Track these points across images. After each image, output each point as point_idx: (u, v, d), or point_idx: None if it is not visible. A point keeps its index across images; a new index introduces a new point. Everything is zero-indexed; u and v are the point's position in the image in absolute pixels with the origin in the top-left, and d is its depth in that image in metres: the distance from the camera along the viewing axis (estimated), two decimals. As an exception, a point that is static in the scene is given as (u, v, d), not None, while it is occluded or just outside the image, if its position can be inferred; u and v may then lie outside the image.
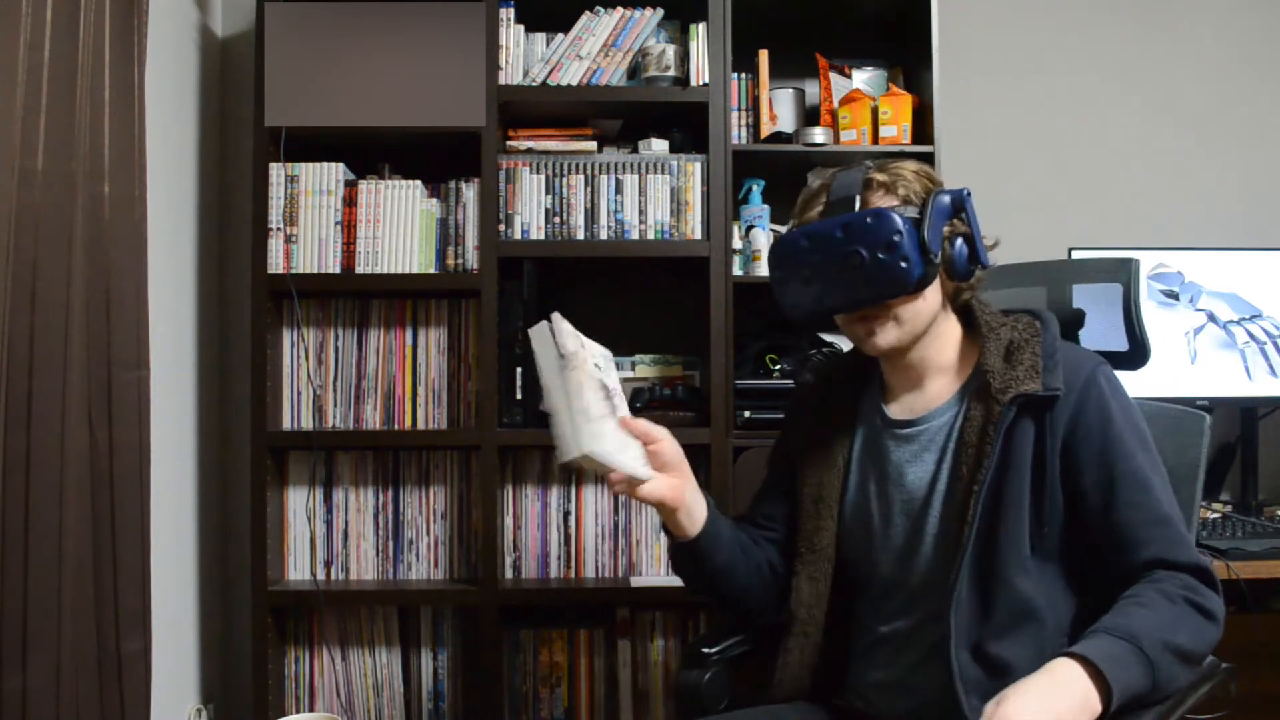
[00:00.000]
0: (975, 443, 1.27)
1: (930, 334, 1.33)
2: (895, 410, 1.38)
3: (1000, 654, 1.22)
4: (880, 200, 1.29)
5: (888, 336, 1.30)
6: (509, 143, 2.30)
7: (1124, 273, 1.45)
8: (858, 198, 1.28)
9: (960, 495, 1.27)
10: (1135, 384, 1.35)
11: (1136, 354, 1.45)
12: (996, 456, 1.24)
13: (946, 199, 1.28)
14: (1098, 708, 1.06)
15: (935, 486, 1.31)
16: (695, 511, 1.36)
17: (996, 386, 1.26)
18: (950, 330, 1.36)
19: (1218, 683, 1.27)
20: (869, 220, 1.24)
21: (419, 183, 2.27)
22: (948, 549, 1.27)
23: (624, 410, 1.35)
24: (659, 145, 2.31)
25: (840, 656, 1.40)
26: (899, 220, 1.23)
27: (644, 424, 1.34)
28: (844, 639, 1.40)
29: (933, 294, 1.31)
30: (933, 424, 1.33)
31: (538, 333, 1.30)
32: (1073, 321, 1.48)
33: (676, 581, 2.23)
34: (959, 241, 1.28)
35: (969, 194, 1.29)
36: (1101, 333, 1.47)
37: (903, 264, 1.23)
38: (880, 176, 1.30)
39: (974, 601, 1.24)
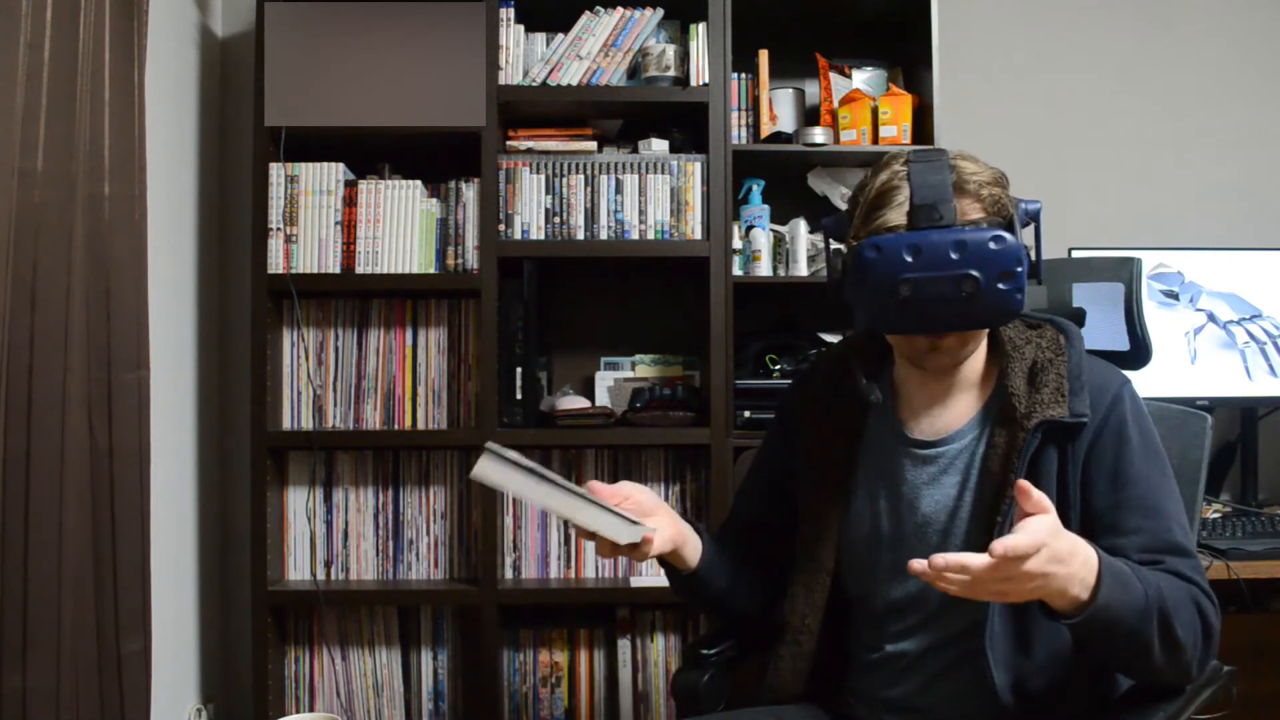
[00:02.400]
0: (999, 470, 1.21)
1: None
2: (913, 428, 1.30)
3: (1042, 689, 1.18)
4: (973, 210, 1.19)
5: (955, 355, 1.24)
6: (509, 143, 2.30)
7: (1125, 271, 1.44)
8: (954, 205, 1.16)
9: (984, 525, 1.21)
10: (1135, 384, 1.34)
11: (1138, 354, 1.44)
12: None
13: (1024, 211, 1.22)
14: (1074, 597, 1.02)
15: (958, 514, 1.24)
16: (690, 546, 1.32)
17: (1021, 411, 1.20)
18: (982, 344, 1.29)
19: (1220, 686, 1.26)
20: (992, 245, 1.13)
21: (419, 183, 2.27)
22: None
23: (563, 488, 1.16)
24: (659, 145, 2.31)
25: (837, 664, 1.37)
26: (1019, 247, 1.15)
27: (607, 488, 1.22)
28: (842, 648, 1.36)
29: None
30: (953, 446, 1.26)
31: (484, 472, 1.12)
32: (1073, 321, 1.47)
33: (676, 581, 2.25)
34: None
35: (1041, 207, 1.23)
36: (1103, 332, 1.46)
37: (1018, 295, 1.15)
38: (971, 183, 1.20)
39: (1010, 638, 1.19)
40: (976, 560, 0.95)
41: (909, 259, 1.15)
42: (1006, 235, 1.14)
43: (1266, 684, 2.05)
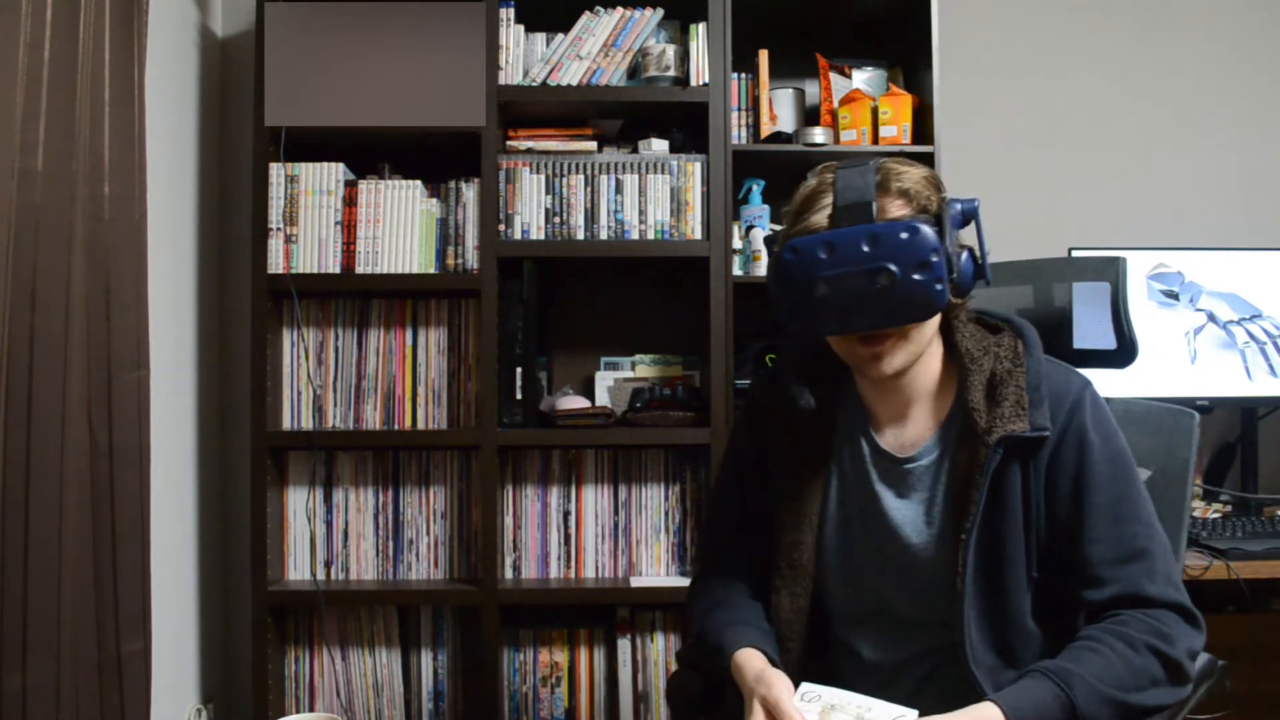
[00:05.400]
0: (962, 487, 1.20)
1: (923, 355, 1.24)
2: (882, 441, 1.29)
3: None
4: (896, 208, 1.17)
5: (895, 360, 1.20)
6: (509, 143, 2.30)
7: (1111, 271, 1.45)
8: (874, 204, 1.15)
9: (950, 542, 1.21)
10: (1133, 384, 1.35)
11: (1125, 352, 1.45)
12: (983, 503, 1.17)
13: (959, 209, 1.19)
14: None
15: (926, 530, 1.24)
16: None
17: (982, 427, 1.18)
18: (935, 351, 1.27)
19: (1214, 681, 1.26)
20: (904, 235, 1.12)
21: (419, 183, 2.27)
22: (942, 595, 1.20)
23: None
24: (659, 145, 2.31)
25: (824, 669, 1.33)
26: (934, 237, 1.13)
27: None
28: (823, 654, 1.34)
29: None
30: (920, 463, 1.26)
31: None
32: (1057, 322, 1.47)
33: (676, 581, 2.25)
34: (964, 255, 1.19)
35: (978, 205, 1.21)
36: (1090, 331, 1.47)
37: (937, 285, 1.13)
38: (895, 182, 1.18)
39: (990, 649, 1.19)
40: None
41: (824, 256, 1.15)
42: (920, 226, 1.13)
43: (1266, 684, 2.06)
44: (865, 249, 1.13)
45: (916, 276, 1.13)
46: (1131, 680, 1.10)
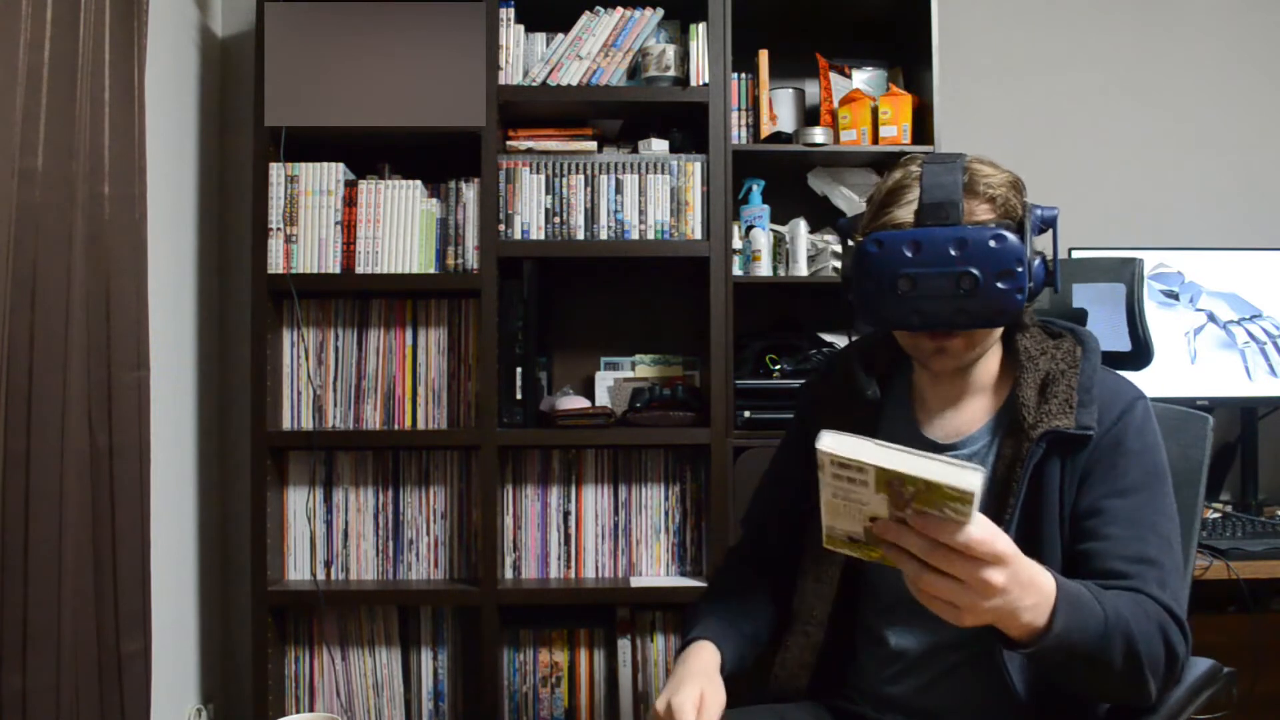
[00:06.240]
0: (1004, 479, 1.21)
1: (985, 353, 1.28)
2: (927, 428, 1.31)
3: (1059, 691, 1.16)
4: (982, 211, 1.19)
5: (960, 358, 1.24)
6: (509, 143, 2.30)
7: (1127, 272, 1.45)
8: (961, 205, 1.17)
9: None
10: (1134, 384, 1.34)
11: (1139, 354, 1.44)
12: (1023, 496, 1.18)
13: (1039, 215, 1.21)
14: (1029, 624, 1.00)
15: None
16: (725, 672, 1.27)
17: (1029, 422, 1.20)
18: (996, 350, 1.30)
19: (1220, 687, 1.25)
20: (991, 243, 1.14)
21: (419, 183, 2.27)
22: None
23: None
24: (659, 145, 2.31)
25: (843, 658, 1.37)
26: (1020, 246, 1.15)
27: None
28: (848, 641, 1.36)
29: None
30: (964, 451, 1.27)
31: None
32: (1074, 322, 1.47)
33: (676, 581, 2.25)
34: (1037, 261, 1.21)
35: (1058, 213, 1.23)
36: (1103, 333, 1.46)
37: (1018, 295, 1.15)
38: (982, 185, 1.19)
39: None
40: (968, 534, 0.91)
41: (909, 254, 1.16)
42: (1007, 234, 1.15)
43: (1266, 684, 2.05)
44: (952, 252, 1.15)
45: (999, 284, 1.15)
46: (1145, 636, 1.08)
